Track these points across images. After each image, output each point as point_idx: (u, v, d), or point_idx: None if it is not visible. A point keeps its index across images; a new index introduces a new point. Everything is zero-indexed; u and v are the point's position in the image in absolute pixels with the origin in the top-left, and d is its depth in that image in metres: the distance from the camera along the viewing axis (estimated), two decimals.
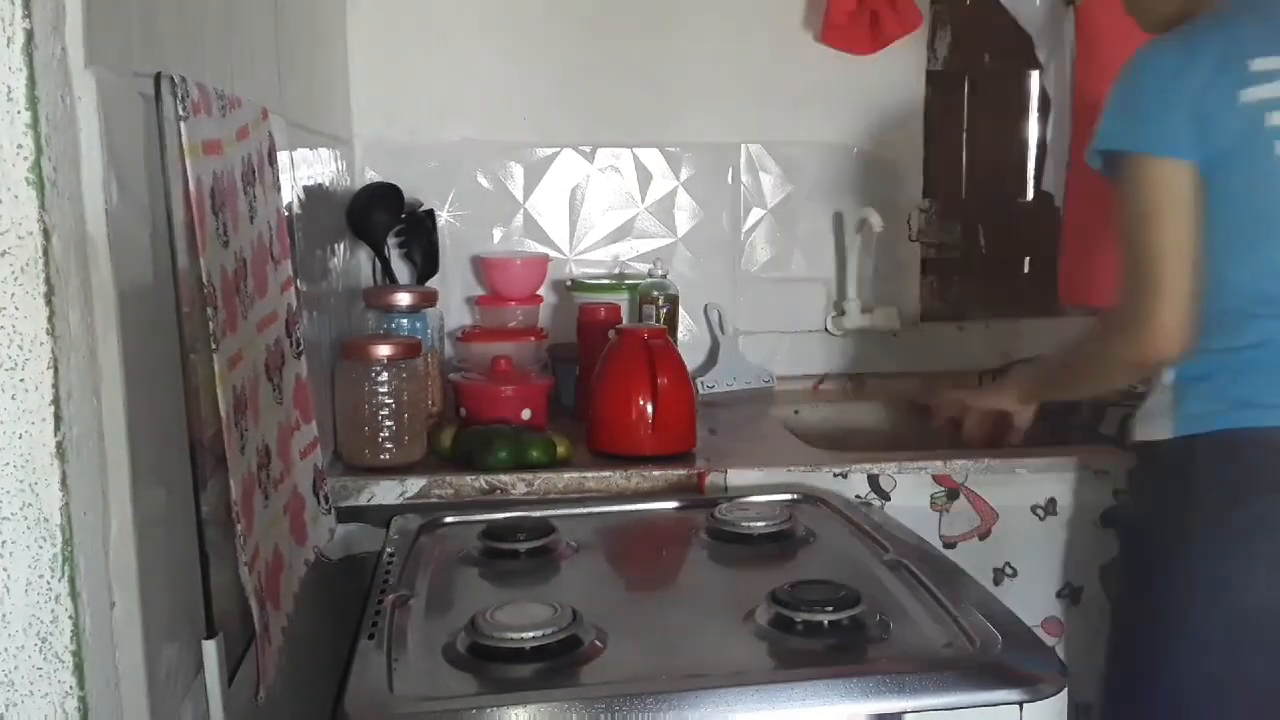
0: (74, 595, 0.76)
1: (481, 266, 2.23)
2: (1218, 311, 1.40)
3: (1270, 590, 1.34)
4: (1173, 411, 1.41)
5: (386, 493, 1.62)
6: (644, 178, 2.31)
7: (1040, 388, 1.75)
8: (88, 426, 0.78)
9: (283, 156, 1.31)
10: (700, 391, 2.15)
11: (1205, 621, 1.35)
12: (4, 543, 0.75)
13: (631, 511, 1.56)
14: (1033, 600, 1.69)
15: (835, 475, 1.66)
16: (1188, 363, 1.41)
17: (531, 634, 1.03)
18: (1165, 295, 1.39)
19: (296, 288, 1.29)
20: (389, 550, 1.37)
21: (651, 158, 2.31)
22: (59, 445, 0.75)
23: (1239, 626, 1.35)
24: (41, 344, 0.74)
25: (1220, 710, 1.36)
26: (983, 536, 1.69)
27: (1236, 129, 1.37)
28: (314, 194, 1.65)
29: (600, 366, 1.77)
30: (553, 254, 2.27)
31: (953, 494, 1.68)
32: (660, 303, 2.13)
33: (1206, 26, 1.44)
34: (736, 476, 1.66)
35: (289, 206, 1.39)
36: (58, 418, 0.74)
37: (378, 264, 2.07)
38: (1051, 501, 1.70)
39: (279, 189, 1.25)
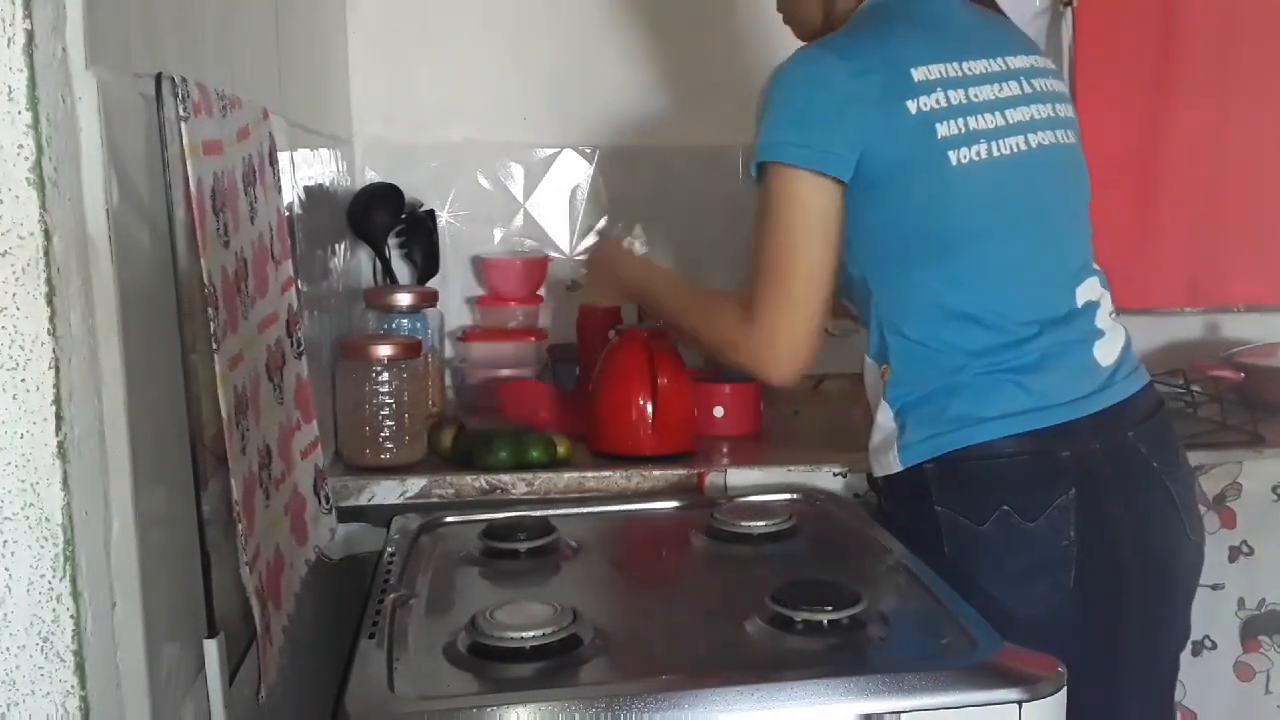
0: (75, 595, 0.76)
1: (482, 267, 2.23)
2: (910, 336, 1.37)
3: (1029, 602, 1.30)
4: (896, 443, 1.37)
5: (387, 492, 1.62)
6: (644, 178, 2.31)
7: (653, 305, 1.66)
8: (89, 426, 0.78)
9: (283, 157, 1.31)
10: None
11: None
12: (5, 542, 0.75)
13: (631, 511, 1.56)
14: None
15: (835, 475, 1.66)
16: (900, 391, 1.38)
17: (532, 633, 1.03)
18: (793, 318, 1.36)
19: (297, 288, 1.29)
20: (390, 550, 1.37)
21: (652, 159, 2.31)
22: (60, 445, 0.75)
23: (1017, 640, 1.30)
24: (43, 344, 0.74)
25: None
26: None
27: (908, 142, 1.33)
28: (315, 194, 1.65)
29: (600, 366, 1.77)
30: (553, 254, 2.28)
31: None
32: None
33: (863, 35, 1.39)
34: (736, 476, 1.66)
35: (290, 207, 1.39)
36: (59, 418, 0.75)
37: (378, 264, 2.07)
38: None
39: (280, 189, 1.26)
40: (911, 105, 1.33)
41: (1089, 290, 1.42)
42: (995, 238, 1.36)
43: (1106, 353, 1.40)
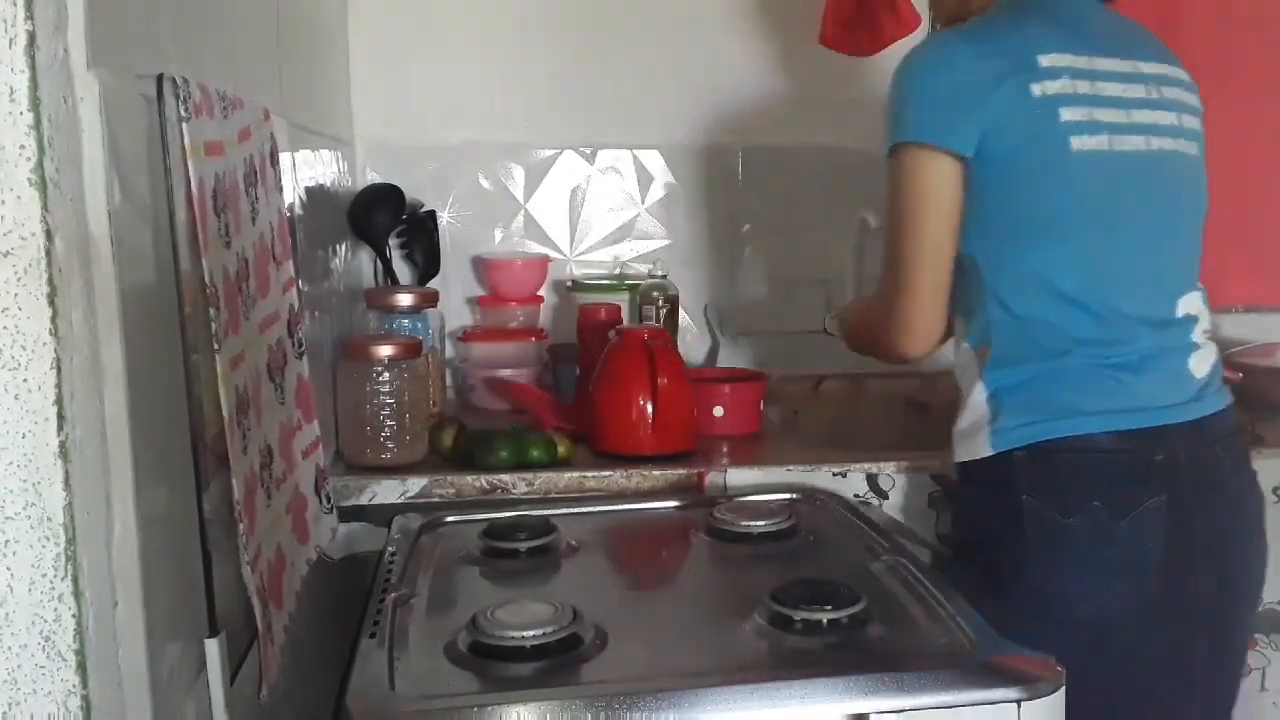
0: (77, 594, 0.76)
1: (482, 267, 2.24)
2: (1016, 318, 1.37)
3: (1102, 600, 1.31)
4: (988, 428, 1.37)
5: (388, 492, 1.62)
6: (644, 178, 2.32)
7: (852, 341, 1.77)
8: (90, 426, 0.78)
9: (284, 157, 1.31)
10: None
11: (1045, 637, 1.33)
12: (7, 542, 0.75)
13: (631, 511, 1.56)
14: None
15: (834, 475, 1.67)
16: (997, 374, 1.38)
17: (532, 633, 1.03)
18: (914, 296, 1.40)
19: (298, 288, 1.30)
20: (390, 549, 1.37)
21: (652, 159, 2.32)
22: (62, 445, 0.75)
23: (1083, 638, 1.30)
24: (44, 344, 0.74)
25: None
26: None
27: (1031, 123, 1.34)
28: (316, 195, 1.66)
29: (600, 366, 1.78)
30: (553, 254, 2.28)
31: (951, 493, 1.68)
32: (660, 303, 2.13)
33: (993, 22, 1.41)
34: (736, 476, 1.66)
35: (291, 207, 1.39)
36: (60, 418, 0.75)
37: (379, 265, 2.08)
38: None
39: (281, 190, 1.26)
40: (1036, 88, 1.33)
41: (1190, 304, 1.42)
42: (1109, 228, 1.36)
43: (1200, 365, 1.41)
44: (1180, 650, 1.35)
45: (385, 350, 1.67)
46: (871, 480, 1.67)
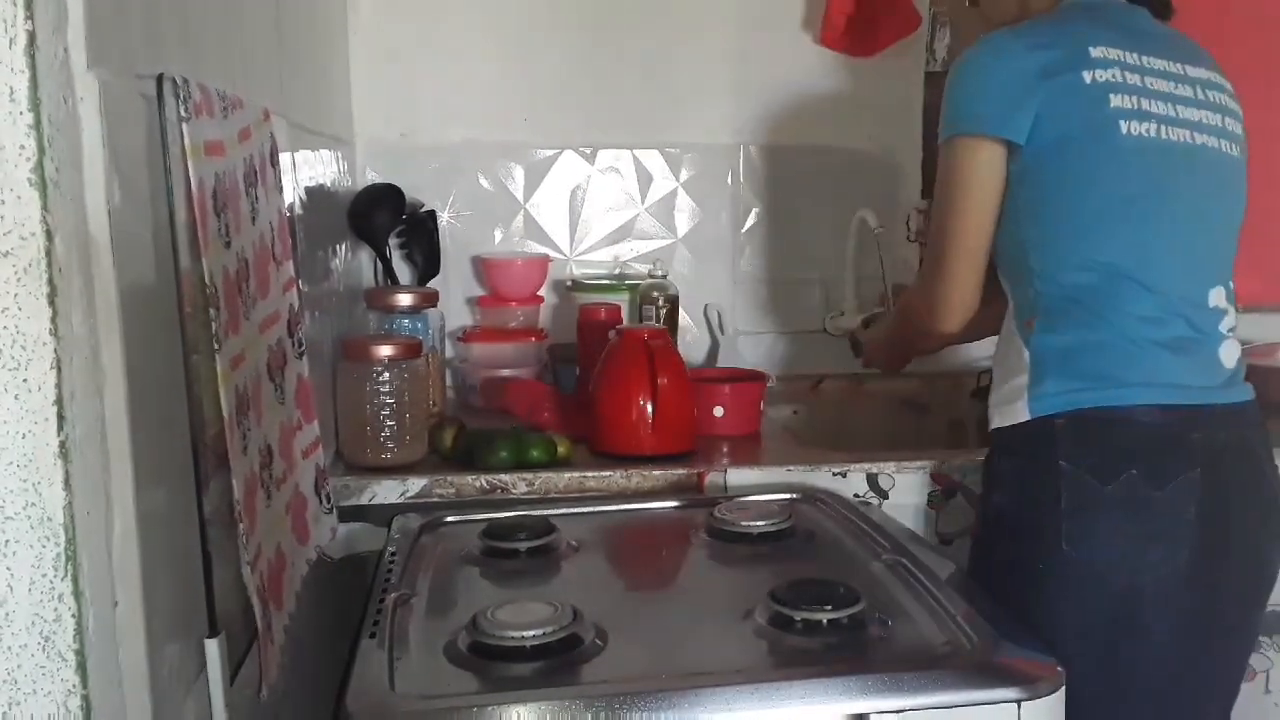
0: (77, 594, 0.76)
1: (482, 267, 2.24)
2: (1063, 291, 1.39)
3: (1134, 568, 1.32)
4: (1027, 393, 1.39)
5: (388, 492, 1.62)
6: (644, 179, 2.32)
7: (881, 357, 1.84)
8: (90, 426, 0.78)
9: (284, 157, 1.31)
10: None
11: (1080, 606, 1.34)
12: (7, 542, 0.75)
13: (631, 511, 1.56)
14: None
15: (834, 475, 1.67)
16: (1040, 343, 1.40)
17: (532, 633, 1.03)
18: (952, 275, 1.45)
19: (298, 288, 1.30)
20: (390, 549, 1.37)
21: (652, 159, 2.32)
22: (62, 445, 0.75)
23: (1112, 608, 1.33)
24: (44, 344, 0.74)
25: (1102, 690, 1.34)
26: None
27: (1081, 109, 1.37)
28: (316, 195, 1.66)
29: (600, 366, 1.78)
30: (553, 254, 2.28)
31: (950, 492, 1.68)
32: (660, 303, 2.13)
33: (1045, 20, 1.46)
34: (736, 476, 1.66)
35: (291, 207, 1.39)
36: (60, 418, 0.75)
37: (379, 264, 2.08)
38: None
39: (281, 190, 1.26)
40: (1087, 75, 1.37)
41: (1218, 297, 1.44)
42: (1155, 210, 1.39)
43: (1228, 356, 1.43)
44: (1204, 626, 1.37)
45: (385, 350, 1.67)
46: (871, 480, 1.67)
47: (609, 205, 2.32)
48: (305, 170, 1.57)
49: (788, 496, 1.56)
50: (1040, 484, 1.36)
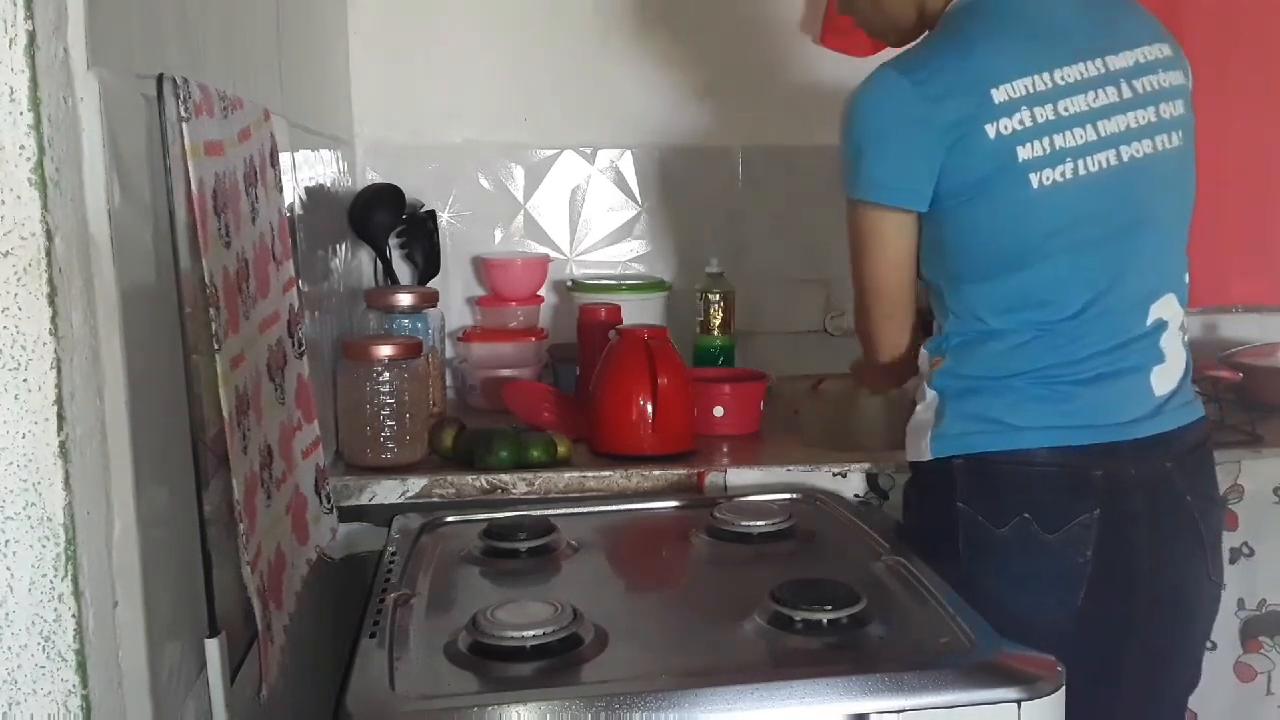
0: (77, 594, 0.76)
1: (482, 267, 2.24)
2: (971, 336, 1.38)
3: (1028, 608, 1.29)
4: (931, 432, 1.38)
5: (388, 492, 1.62)
6: (644, 179, 2.32)
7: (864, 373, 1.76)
8: (90, 426, 0.78)
9: (284, 157, 1.31)
10: None
11: None
12: (7, 542, 0.75)
13: (631, 511, 1.56)
14: None
15: (834, 475, 1.67)
16: (946, 383, 1.39)
17: (532, 632, 1.03)
18: (874, 323, 1.47)
19: (298, 288, 1.30)
20: (390, 549, 1.37)
21: (652, 159, 2.31)
22: (62, 445, 0.75)
23: (1012, 637, 1.31)
24: (44, 344, 0.74)
25: None
26: None
27: (986, 165, 1.31)
28: (315, 195, 1.66)
29: (600, 366, 1.78)
30: (553, 254, 2.28)
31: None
32: (717, 299, 2.14)
33: (943, 53, 1.37)
34: (736, 476, 1.66)
35: (291, 207, 1.39)
36: (61, 418, 0.75)
37: (379, 264, 2.08)
38: None
39: (281, 190, 1.26)
40: (990, 129, 1.31)
41: (1163, 308, 1.39)
42: (1070, 258, 1.35)
43: (1163, 380, 1.38)
44: (1107, 663, 1.36)
45: (385, 350, 1.67)
46: (871, 480, 1.67)
47: (609, 205, 2.31)
48: (305, 170, 1.57)
49: (788, 497, 1.56)
50: (941, 522, 1.38)
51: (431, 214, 2.20)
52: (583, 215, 2.31)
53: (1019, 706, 0.96)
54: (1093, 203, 1.34)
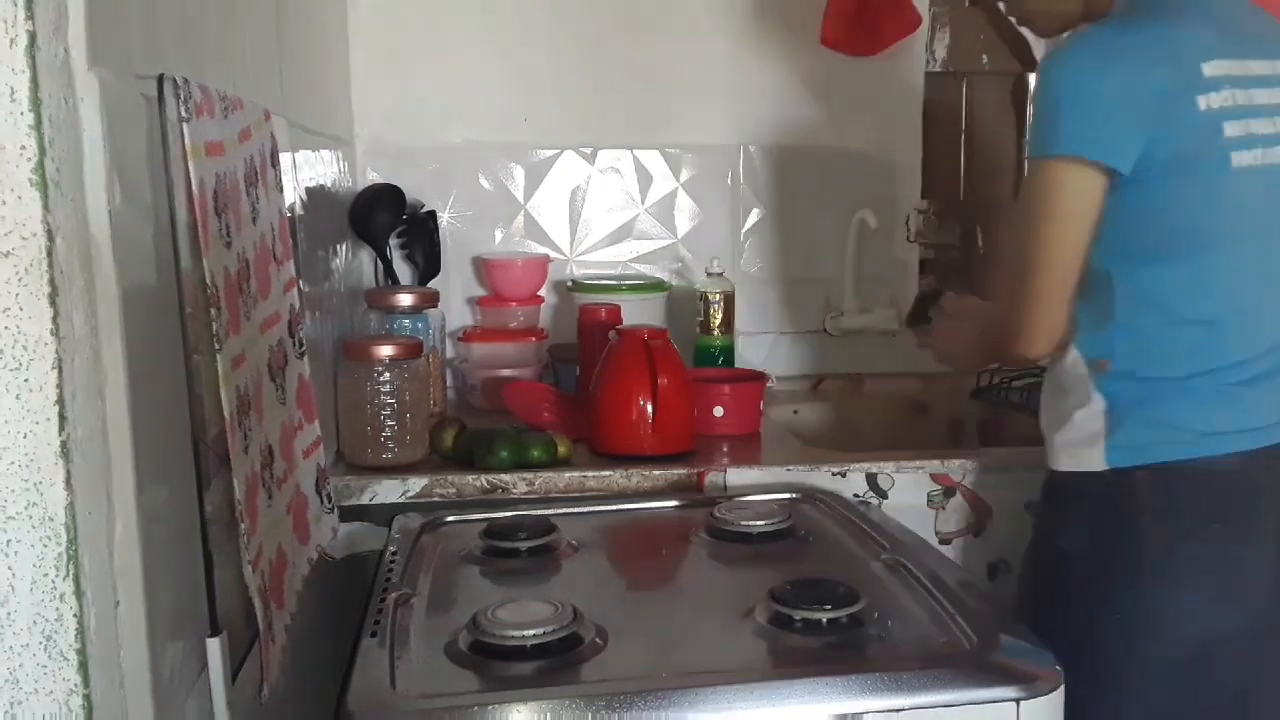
0: (78, 594, 0.76)
1: (483, 267, 2.24)
2: (1147, 329, 1.34)
3: (1213, 623, 1.29)
4: (1104, 441, 1.34)
5: (389, 492, 1.62)
6: (644, 179, 2.32)
7: (961, 349, 1.70)
8: (92, 426, 0.78)
9: (285, 158, 1.31)
10: None
11: (1151, 655, 1.31)
12: (9, 542, 0.75)
13: (631, 510, 1.56)
14: None
15: (834, 475, 1.67)
16: (1118, 388, 1.34)
17: (532, 632, 1.03)
18: (1039, 305, 1.35)
19: (299, 288, 1.30)
20: (391, 549, 1.37)
21: (652, 159, 2.32)
22: (63, 445, 0.75)
23: (1184, 660, 1.30)
24: (46, 344, 0.74)
25: None
26: (977, 533, 1.69)
27: (1193, 138, 1.28)
28: (316, 195, 1.66)
29: (600, 367, 1.78)
30: (553, 254, 2.28)
31: (949, 492, 1.68)
32: (717, 299, 2.14)
33: (1148, 24, 1.33)
34: (736, 476, 1.66)
35: (291, 208, 1.39)
36: (62, 418, 0.75)
37: (380, 265, 2.08)
38: None
39: (281, 190, 1.26)
40: (1202, 101, 1.28)
41: None
42: (1250, 245, 1.33)
43: None
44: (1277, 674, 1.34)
45: (386, 350, 1.67)
46: (871, 480, 1.67)
47: (609, 205, 2.32)
48: (305, 170, 1.57)
49: (787, 496, 1.56)
50: (1118, 534, 1.33)
51: (432, 214, 2.20)
52: (583, 215, 2.31)
53: (1018, 705, 0.96)
54: (1272, 193, 1.33)
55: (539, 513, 1.47)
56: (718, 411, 1.86)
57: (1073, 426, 1.38)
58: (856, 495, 1.65)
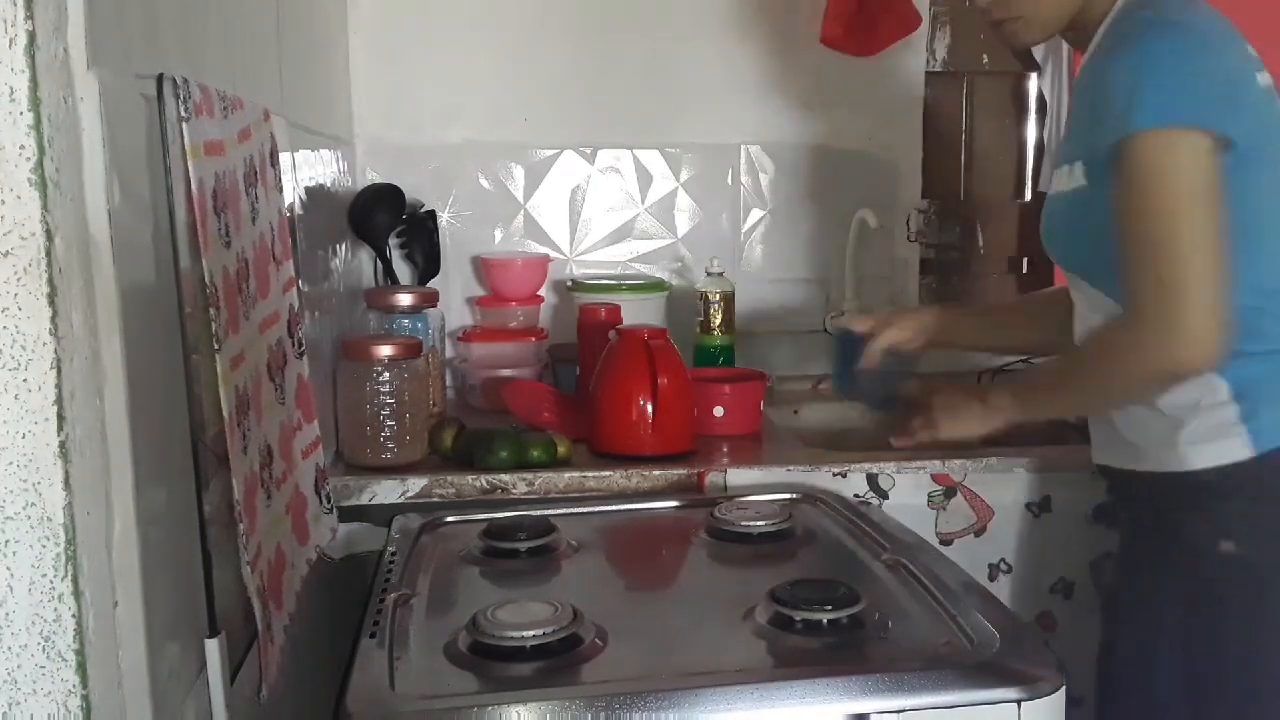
0: (77, 594, 0.76)
1: (482, 267, 2.24)
2: (1261, 311, 1.26)
3: None
4: (1241, 427, 1.24)
5: (388, 492, 1.62)
6: (644, 179, 2.32)
7: (1031, 407, 1.50)
8: (90, 426, 0.78)
9: (284, 157, 1.31)
10: None
11: None
12: (7, 542, 0.75)
13: (631, 511, 1.56)
14: (1026, 595, 1.70)
15: (834, 475, 1.67)
16: (1241, 369, 1.24)
17: (532, 632, 1.03)
18: (1194, 295, 1.20)
19: (298, 288, 1.30)
20: (390, 549, 1.37)
21: (652, 159, 2.32)
22: (62, 445, 0.75)
23: None
24: (44, 344, 0.74)
25: None
26: (978, 533, 1.69)
27: (1255, 113, 1.27)
28: (315, 195, 1.66)
29: (600, 367, 1.78)
30: (553, 254, 2.28)
31: (950, 492, 1.68)
32: (717, 298, 2.14)
33: (1186, 7, 1.30)
34: (736, 476, 1.66)
35: (291, 207, 1.39)
36: (61, 418, 0.75)
37: (379, 264, 2.08)
38: (1046, 499, 1.70)
39: (281, 190, 1.26)
40: (1260, 77, 1.29)
41: None
42: None
43: None
44: None
45: (385, 350, 1.67)
46: (871, 480, 1.67)
47: (609, 205, 2.31)
48: (305, 170, 1.57)
49: (788, 496, 1.56)
50: (1270, 527, 1.25)
51: (431, 214, 2.20)
52: (583, 215, 2.31)
53: (1019, 706, 0.96)
54: None
55: (539, 513, 1.47)
56: (718, 411, 1.86)
57: (1197, 420, 1.27)
58: (857, 495, 1.65)
